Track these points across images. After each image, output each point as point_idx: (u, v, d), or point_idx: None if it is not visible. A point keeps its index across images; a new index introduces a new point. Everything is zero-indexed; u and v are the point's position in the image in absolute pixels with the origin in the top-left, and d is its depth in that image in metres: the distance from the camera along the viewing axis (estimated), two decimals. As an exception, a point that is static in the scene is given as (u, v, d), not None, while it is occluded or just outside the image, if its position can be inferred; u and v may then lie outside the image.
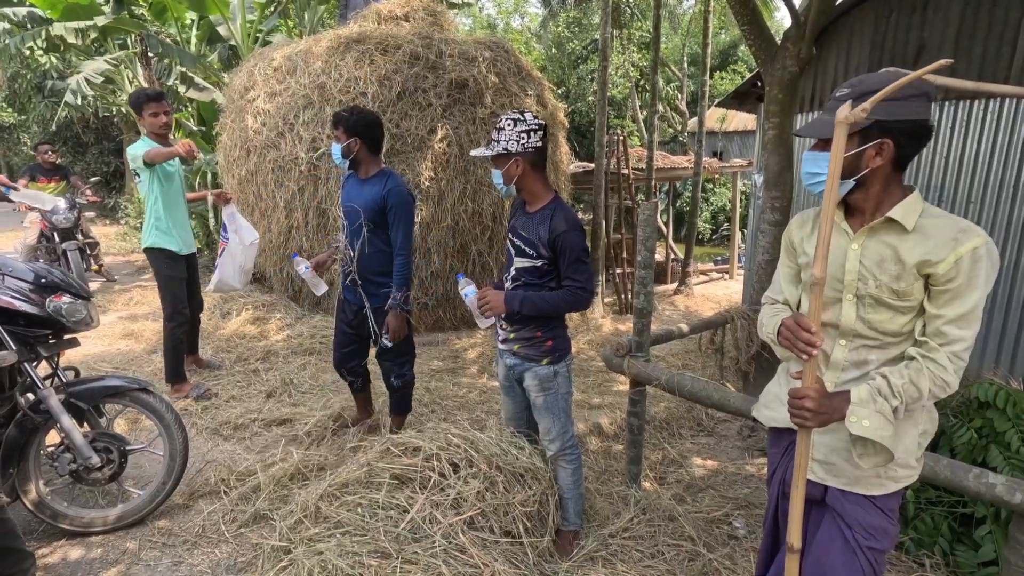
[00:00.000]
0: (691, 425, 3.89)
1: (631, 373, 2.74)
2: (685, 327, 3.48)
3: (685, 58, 16.49)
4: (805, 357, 1.25)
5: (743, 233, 10.88)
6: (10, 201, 2.24)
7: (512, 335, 2.18)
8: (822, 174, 1.31)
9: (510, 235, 2.20)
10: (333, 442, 3.26)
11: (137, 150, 3.49)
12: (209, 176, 6.85)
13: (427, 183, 5.08)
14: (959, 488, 1.76)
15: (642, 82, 17.04)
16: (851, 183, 1.30)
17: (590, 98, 16.76)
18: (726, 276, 9.67)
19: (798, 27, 3.53)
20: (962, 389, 2.45)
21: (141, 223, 4.04)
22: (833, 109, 1.25)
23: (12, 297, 2.07)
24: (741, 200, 10.93)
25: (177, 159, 3.64)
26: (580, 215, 8.95)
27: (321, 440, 3.28)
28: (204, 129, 7.40)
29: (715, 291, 8.58)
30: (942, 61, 1.07)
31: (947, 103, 3.87)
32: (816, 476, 1.43)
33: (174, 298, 3.67)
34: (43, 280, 2.19)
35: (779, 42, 3.65)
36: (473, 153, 2.09)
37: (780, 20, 20.19)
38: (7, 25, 7.10)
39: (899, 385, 1.25)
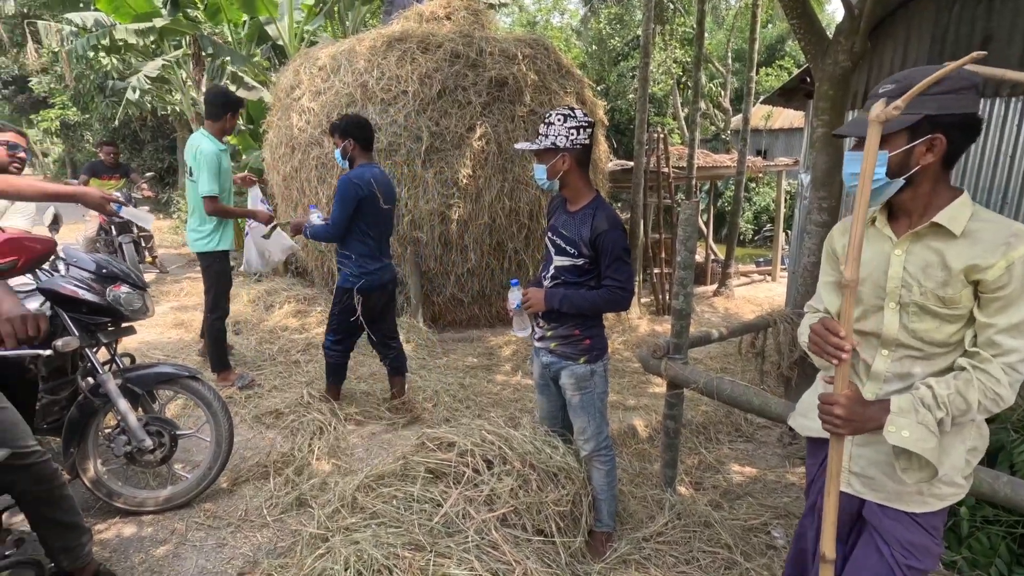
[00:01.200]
0: (729, 430, 3.80)
1: (668, 375, 2.69)
2: (725, 329, 3.39)
3: (730, 54, 16.05)
4: (835, 362, 1.21)
5: (787, 234, 10.55)
6: (120, 218, 2.52)
7: (549, 333, 2.17)
8: None
9: (549, 233, 2.20)
10: (369, 428, 3.33)
11: (207, 150, 3.51)
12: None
13: (465, 180, 5.11)
14: (1020, 507, 1.66)
15: (684, 79, 16.70)
16: (900, 182, 1.24)
17: (630, 95, 16.53)
18: (768, 278, 9.40)
19: (852, 20, 3.38)
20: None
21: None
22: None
23: (76, 286, 2.19)
24: (785, 200, 10.58)
25: (229, 164, 3.76)
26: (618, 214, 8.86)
27: (358, 426, 3.36)
28: (252, 127, 7.66)
29: (756, 293, 8.35)
30: (975, 54, 1.05)
31: (1014, 99, 3.64)
32: (853, 489, 1.38)
33: (220, 295, 3.80)
34: (104, 271, 2.31)
35: (831, 36, 3.52)
36: (518, 146, 2.09)
37: (831, 13, 19.44)
38: (74, 29, 7.53)
39: (944, 396, 1.19)
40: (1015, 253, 1.15)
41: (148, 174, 6.07)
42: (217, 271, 3.77)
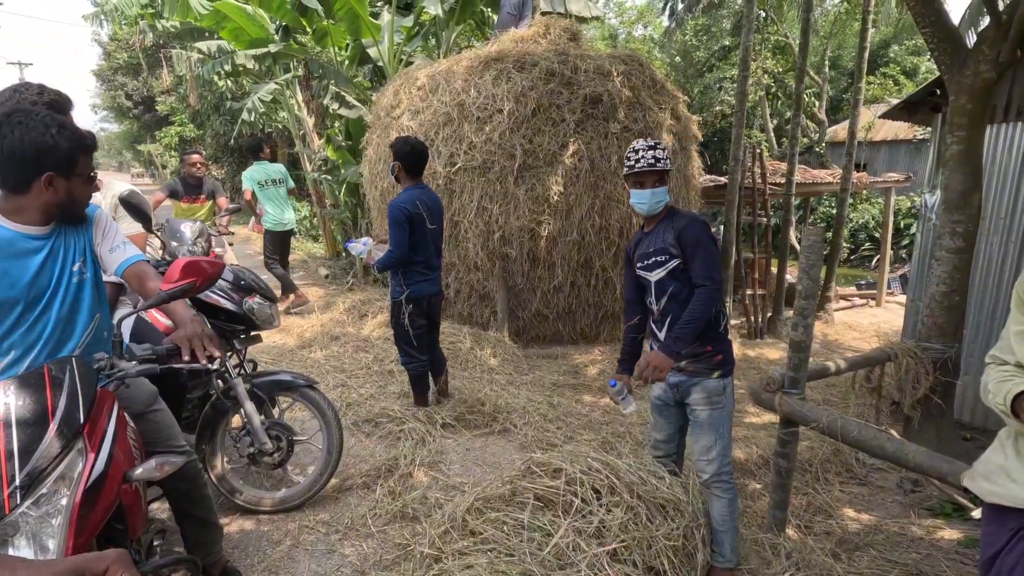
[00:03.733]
0: (838, 470, 3.51)
1: (784, 412, 2.53)
2: (842, 362, 3.16)
3: (827, 62, 15.16)
4: None
5: (893, 254, 9.74)
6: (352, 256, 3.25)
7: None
8: None
9: (638, 265, 2.27)
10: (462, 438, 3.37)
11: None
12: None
13: (555, 197, 5.11)
14: None
15: (774, 88, 15.94)
16: None
17: (716, 108, 16.01)
18: (871, 302, 8.69)
19: (998, 27, 3.09)
20: None
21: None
22: None
23: (219, 295, 2.37)
24: (894, 219, 9.77)
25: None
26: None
27: (451, 436, 3.41)
28: (351, 143, 8.10)
29: (858, 319, 7.75)
30: None
31: None
32: None
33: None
34: (242, 282, 2.49)
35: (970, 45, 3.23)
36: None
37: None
38: (200, 56, 8.32)
39: None
40: None
41: (232, 206, 5.45)
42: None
